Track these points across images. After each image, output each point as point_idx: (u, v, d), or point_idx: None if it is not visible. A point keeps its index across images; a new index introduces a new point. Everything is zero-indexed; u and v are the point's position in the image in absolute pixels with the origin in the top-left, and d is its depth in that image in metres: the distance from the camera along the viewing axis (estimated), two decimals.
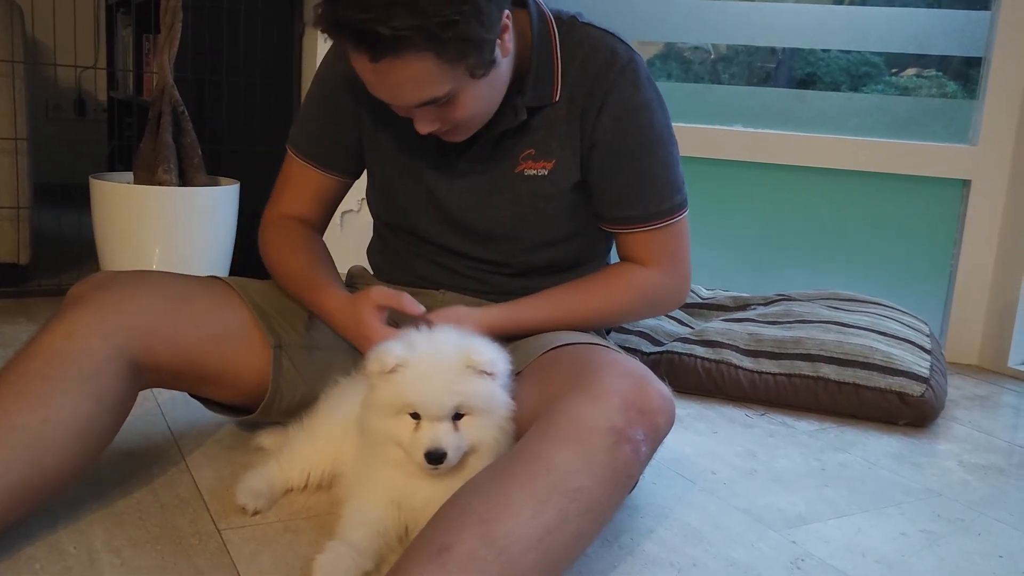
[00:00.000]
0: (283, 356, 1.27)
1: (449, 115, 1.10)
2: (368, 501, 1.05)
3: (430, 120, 1.11)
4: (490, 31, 1.04)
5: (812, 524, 1.28)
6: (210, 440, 1.40)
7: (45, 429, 1.01)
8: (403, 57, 1.00)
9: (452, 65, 1.03)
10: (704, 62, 2.63)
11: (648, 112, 1.22)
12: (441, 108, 1.09)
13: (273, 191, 1.40)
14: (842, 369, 1.77)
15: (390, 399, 1.02)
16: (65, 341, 1.07)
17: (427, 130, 1.12)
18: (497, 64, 1.09)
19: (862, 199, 2.38)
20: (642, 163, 1.23)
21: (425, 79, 1.03)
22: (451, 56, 1.01)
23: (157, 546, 1.07)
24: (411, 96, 1.06)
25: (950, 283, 2.31)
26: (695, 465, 1.47)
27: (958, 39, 2.29)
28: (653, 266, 1.27)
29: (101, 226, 2.10)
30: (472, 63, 1.04)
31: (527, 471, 0.92)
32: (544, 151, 1.23)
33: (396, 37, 0.97)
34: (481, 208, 1.26)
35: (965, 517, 1.35)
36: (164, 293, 1.19)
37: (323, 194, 1.38)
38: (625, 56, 1.20)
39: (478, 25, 1.01)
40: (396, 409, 1.02)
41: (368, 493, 1.06)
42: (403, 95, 1.06)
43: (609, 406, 0.97)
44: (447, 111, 1.10)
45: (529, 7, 1.21)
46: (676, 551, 1.17)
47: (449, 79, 1.04)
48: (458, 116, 1.11)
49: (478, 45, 1.03)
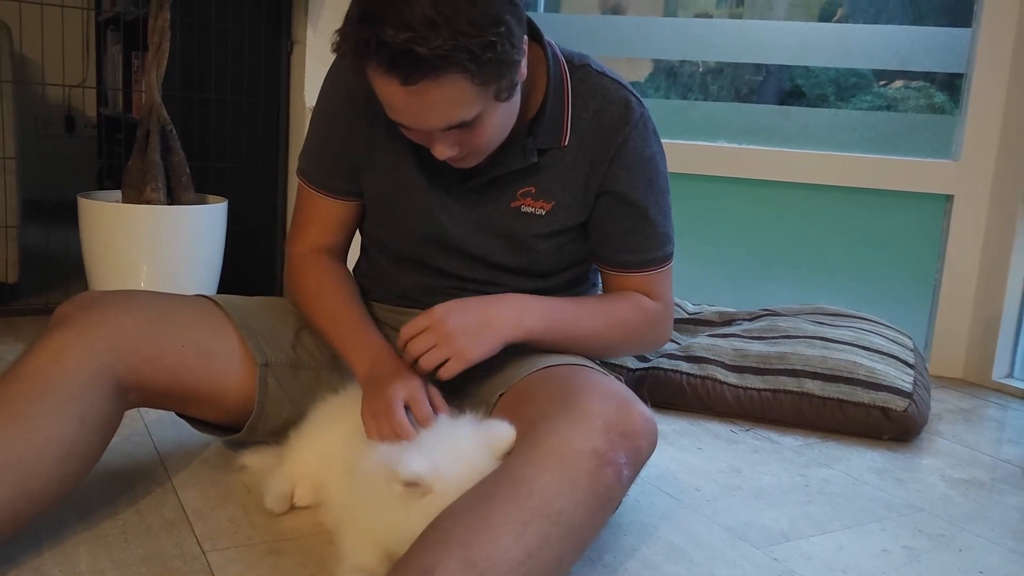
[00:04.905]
0: (268, 375, 1.27)
1: (469, 139, 1.09)
2: (366, 534, 1.05)
3: (450, 145, 1.09)
4: (519, 53, 1.05)
5: (794, 541, 1.29)
6: (196, 460, 1.41)
7: (30, 452, 1.01)
8: (440, 79, 0.98)
9: (484, 88, 1.02)
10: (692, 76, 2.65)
11: (655, 164, 1.26)
12: (463, 132, 1.08)
13: (293, 224, 1.38)
14: (826, 384, 1.78)
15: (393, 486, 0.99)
16: (52, 363, 1.07)
17: (446, 155, 1.10)
18: (516, 88, 1.10)
19: (846, 214, 2.40)
20: (648, 214, 1.26)
21: (458, 101, 1.01)
22: (484, 78, 1.01)
23: (142, 568, 1.08)
24: (440, 119, 1.04)
25: (934, 297, 2.33)
26: (679, 482, 1.48)
27: (940, 55, 2.32)
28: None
29: (89, 245, 2.11)
30: (502, 85, 1.04)
31: (509, 495, 0.92)
32: (544, 192, 1.24)
33: (436, 57, 0.95)
34: (473, 233, 1.27)
35: (947, 533, 1.36)
36: (149, 313, 1.19)
37: (345, 219, 1.36)
38: (638, 110, 1.23)
39: (511, 47, 1.01)
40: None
41: (364, 524, 1.06)
42: (432, 118, 1.04)
43: (591, 429, 0.98)
44: (468, 135, 1.08)
45: (545, 48, 1.22)
46: (659, 570, 1.18)
47: (479, 102, 1.03)
48: (478, 141, 1.10)
49: (509, 67, 1.03)
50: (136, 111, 2.63)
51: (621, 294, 1.31)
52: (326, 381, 1.30)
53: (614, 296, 1.31)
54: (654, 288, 1.30)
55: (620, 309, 1.28)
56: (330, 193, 1.33)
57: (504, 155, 1.21)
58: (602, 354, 1.32)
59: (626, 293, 1.30)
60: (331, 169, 1.31)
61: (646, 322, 1.30)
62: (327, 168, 1.31)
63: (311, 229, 1.36)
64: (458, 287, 1.32)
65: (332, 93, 1.30)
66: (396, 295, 1.37)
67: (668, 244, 1.30)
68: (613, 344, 1.28)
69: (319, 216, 1.35)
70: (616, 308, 1.28)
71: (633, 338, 1.30)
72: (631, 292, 1.30)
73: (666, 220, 1.29)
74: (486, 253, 1.28)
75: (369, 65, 1.00)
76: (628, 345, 1.32)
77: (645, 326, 1.30)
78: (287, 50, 2.43)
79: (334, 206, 1.34)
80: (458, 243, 1.28)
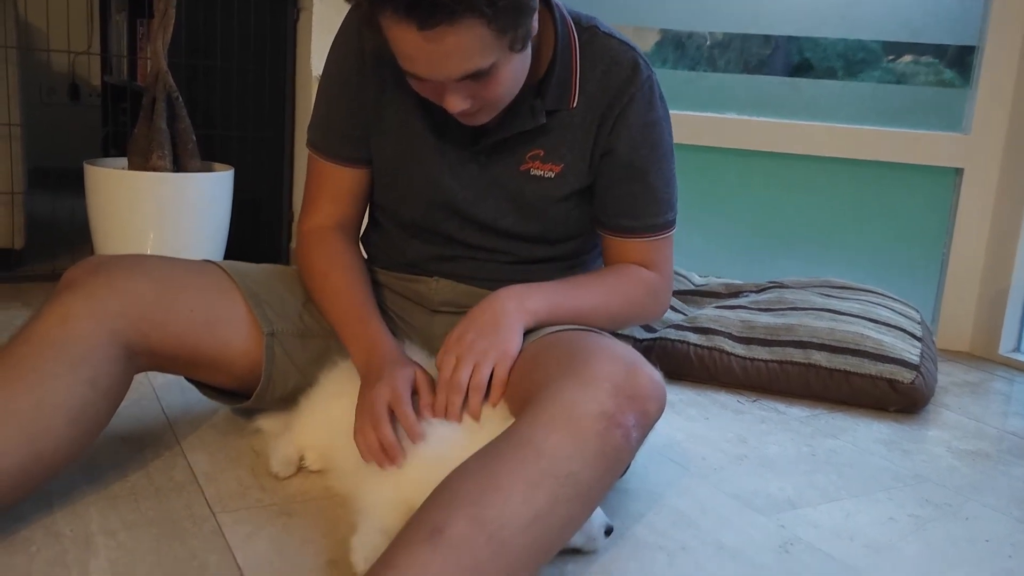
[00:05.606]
0: (276, 344, 1.27)
1: (482, 92, 1.09)
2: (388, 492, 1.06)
3: (463, 97, 1.08)
4: (533, 1, 1.04)
5: (801, 509, 1.30)
6: (205, 425, 1.41)
7: (40, 414, 1.02)
8: (456, 24, 0.97)
9: (500, 35, 1.01)
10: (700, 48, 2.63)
11: (660, 129, 1.25)
12: (476, 84, 1.07)
13: (304, 199, 1.37)
14: (833, 356, 1.78)
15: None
16: (59, 326, 1.08)
17: (459, 108, 1.09)
18: (529, 41, 1.09)
19: (855, 187, 2.38)
20: (648, 177, 1.25)
21: (474, 48, 1.01)
22: (501, 25, 1.00)
23: (152, 529, 1.08)
24: (455, 68, 1.03)
25: (942, 270, 2.32)
26: (686, 451, 1.48)
27: (952, 27, 2.29)
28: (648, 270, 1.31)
29: (95, 211, 2.10)
30: (517, 34, 1.04)
31: (518, 456, 0.92)
32: (553, 154, 1.24)
33: (453, 1, 0.95)
34: (482, 198, 1.26)
35: (953, 502, 1.36)
36: (158, 277, 1.19)
37: (357, 190, 1.35)
38: (645, 72, 1.22)
39: None
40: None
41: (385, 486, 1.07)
42: (447, 66, 1.03)
43: (600, 391, 0.98)
44: (482, 87, 1.08)
45: (553, 9, 1.21)
46: (665, 535, 1.18)
47: (495, 50, 1.03)
48: (491, 93, 1.09)
49: (525, 15, 1.03)
50: (141, 79, 2.62)
51: (617, 267, 1.30)
52: (335, 350, 1.30)
53: (610, 269, 1.31)
54: (653, 256, 1.30)
55: (617, 281, 1.28)
56: (341, 161, 1.32)
57: (513, 116, 1.20)
58: (604, 327, 1.31)
59: (623, 266, 1.30)
60: (341, 135, 1.30)
61: (645, 292, 1.29)
62: (337, 134, 1.30)
63: (322, 203, 1.34)
64: (467, 255, 1.32)
65: (340, 57, 1.29)
66: (404, 263, 1.37)
67: (669, 211, 1.29)
68: (614, 316, 1.28)
69: (330, 188, 1.34)
70: (613, 280, 1.28)
71: (632, 309, 1.29)
72: (628, 264, 1.30)
73: (667, 187, 1.28)
74: (495, 219, 1.27)
75: (385, 12, 0.99)
76: (627, 316, 1.31)
77: (644, 296, 1.29)
78: (293, 17, 2.41)
79: (345, 175, 1.33)
80: (467, 208, 1.27)
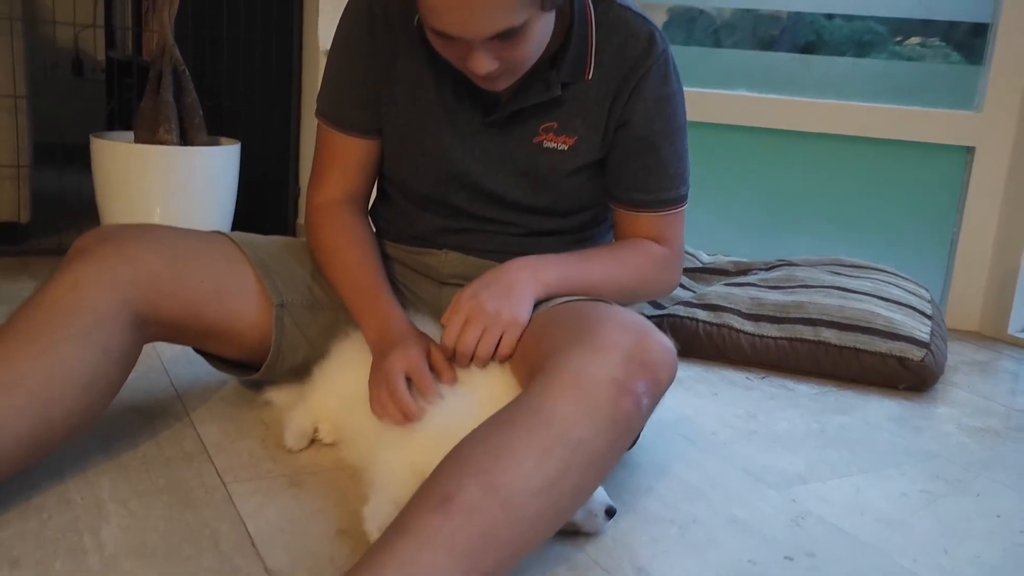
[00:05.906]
0: (285, 315, 1.26)
1: (509, 52, 1.07)
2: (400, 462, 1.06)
3: (491, 58, 1.07)
4: None
5: (812, 484, 1.29)
6: (214, 396, 1.41)
7: (52, 379, 1.01)
8: None
9: None
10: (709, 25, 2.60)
11: (674, 103, 1.24)
12: (504, 44, 1.06)
13: (313, 172, 1.35)
14: (843, 333, 1.77)
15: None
16: (70, 293, 1.07)
17: (486, 69, 1.08)
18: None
19: (865, 165, 2.37)
20: (661, 151, 1.24)
21: (507, 5, 1.00)
22: None
23: (163, 497, 1.08)
24: (489, 24, 1.01)
25: (952, 250, 2.31)
26: (696, 426, 1.48)
27: (965, 4, 2.27)
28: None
29: (102, 185, 2.09)
30: None
31: (529, 423, 0.92)
32: (567, 126, 1.23)
33: None
34: (494, 170, 1.25)
35: (963, 478, 1.36)
36: (168, 247, 1.19)
37: (366, 161, 1.33)
38: (661, 45, 1.21)
39: None
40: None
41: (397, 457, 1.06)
42: (481, 23, 1.01)
43: (610, 358, 0.97)
44: (509, 48, 1.06)
45: None
46: (676, 508, 1.18)
47: (527, 7, 1.02)
48: (518, 54, 1.08)
49: None
50: (146, 53, 2.60)
51: (629, 241, 1.30)
52: (344, 321, 1.29)
53: (621, 243, 1.30)
54: (664, 230, 1.29)
55: (629, 255, 1.27)
56: (350, 131, 1.30)
57: (527, 88, 1.19)
58: (614, 300, 1.30)
59: (634, 240, 1.29)
60: (352, 102, 1.29)
61: (655, 267, 1.29)
62: (348, 102, 1.29)
63: (331, 174, 1.33)
64: (476, 228, 1.31)
65: (351, 24, 1.28)
66: (413, 236, 1.36)
67: (681, 186, 1.28)
68: (624, 289, 1.27)
69: (339, 159, 1.32)
70: (624, 254, 1.27)
71: (643, 283, 1.29)
72: (639, 239, 1.29)
73: (680, 161, 1.27)
74: (505, 191, 1.26)
75: None
76: (637, 290, 1.31)
77: (654, 271, 1.28)
78: None
79: (355, 146, 1.31)
80: (477, 180, 1.26)
